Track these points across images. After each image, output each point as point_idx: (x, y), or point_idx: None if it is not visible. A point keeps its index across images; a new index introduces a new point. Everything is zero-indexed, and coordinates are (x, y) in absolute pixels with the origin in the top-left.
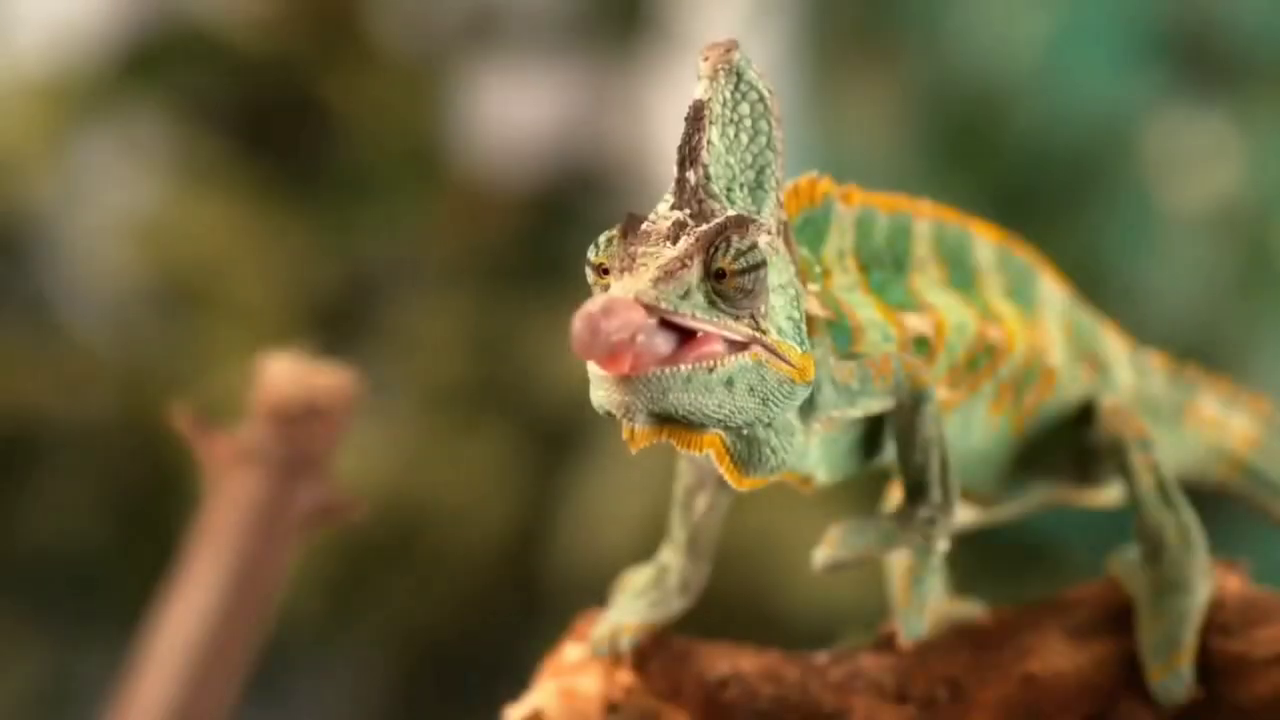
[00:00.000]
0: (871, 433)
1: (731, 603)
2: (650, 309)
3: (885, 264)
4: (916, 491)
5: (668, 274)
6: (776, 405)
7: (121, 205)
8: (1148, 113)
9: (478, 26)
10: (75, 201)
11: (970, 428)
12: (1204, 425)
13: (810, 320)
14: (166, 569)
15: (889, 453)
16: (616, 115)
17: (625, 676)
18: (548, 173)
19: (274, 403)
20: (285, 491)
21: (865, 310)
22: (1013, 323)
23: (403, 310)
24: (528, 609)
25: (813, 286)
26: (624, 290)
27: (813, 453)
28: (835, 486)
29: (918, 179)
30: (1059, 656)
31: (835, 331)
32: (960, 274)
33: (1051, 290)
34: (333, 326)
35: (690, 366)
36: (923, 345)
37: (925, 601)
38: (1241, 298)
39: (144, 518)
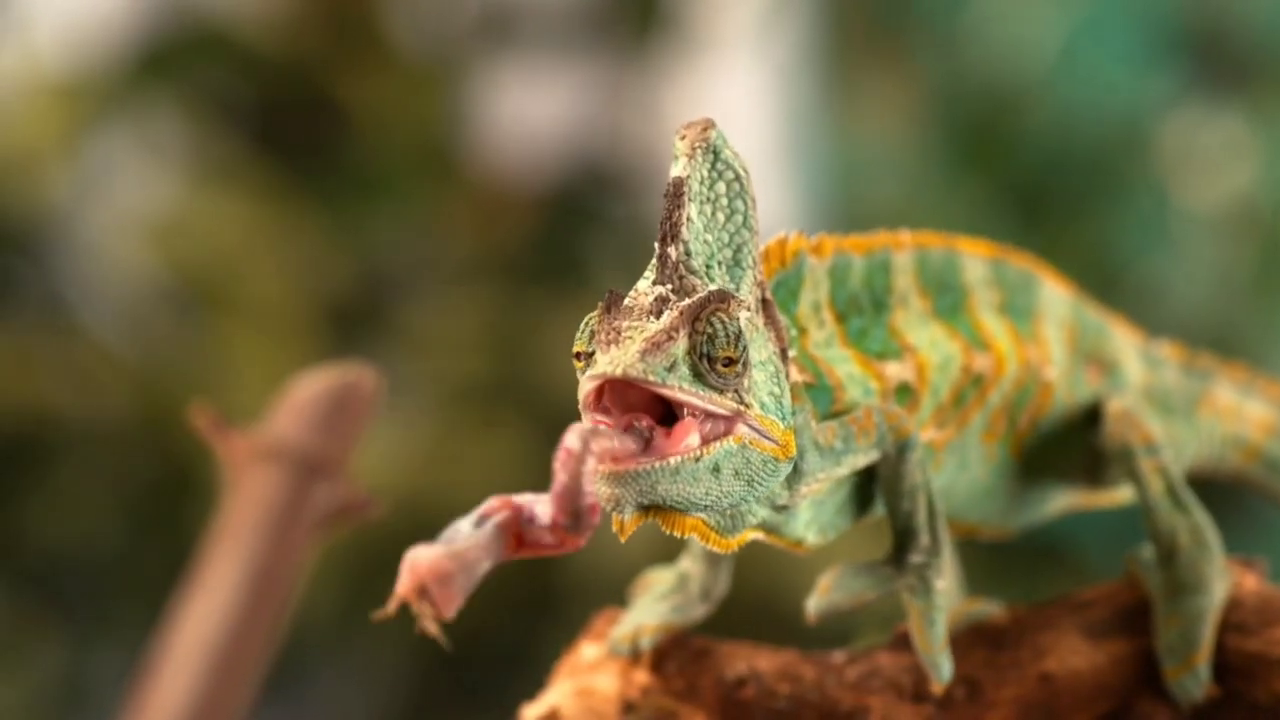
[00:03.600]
0: (859, 490)
1: (747, 602)
2: (638, 382)
3: (864, 308)
4: (906, 537)
5: (654, 345)
6: (761, 485)
7: (137, 204)
8: (1163, 112)
9: (493, 25)
10: (91, 200)
11: (967, 463)
12: (1220, 414)
13: (790, 388)
14: (183, 567)
15: (878, 508)
16: (632, 114)
17: (642, 676)
18: (563, 171)
19: (294, 401)
20: (303, 490)
21: (844, 366)
22: (1003, 343)
23: (419, 309)
24: (543, 608)
25: (790, 352)
26: (611, 363)
27: (801, 516)
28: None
29: (933, 178)
30: (1076, 655)
31: (815, 394)
32: (947, 299)
33: (1053, 296)
34: (349, 325)
35: (678, 459)
36: (905, 393)
37: (944, 640)
38: (1257, 295)
39: (160, 516)
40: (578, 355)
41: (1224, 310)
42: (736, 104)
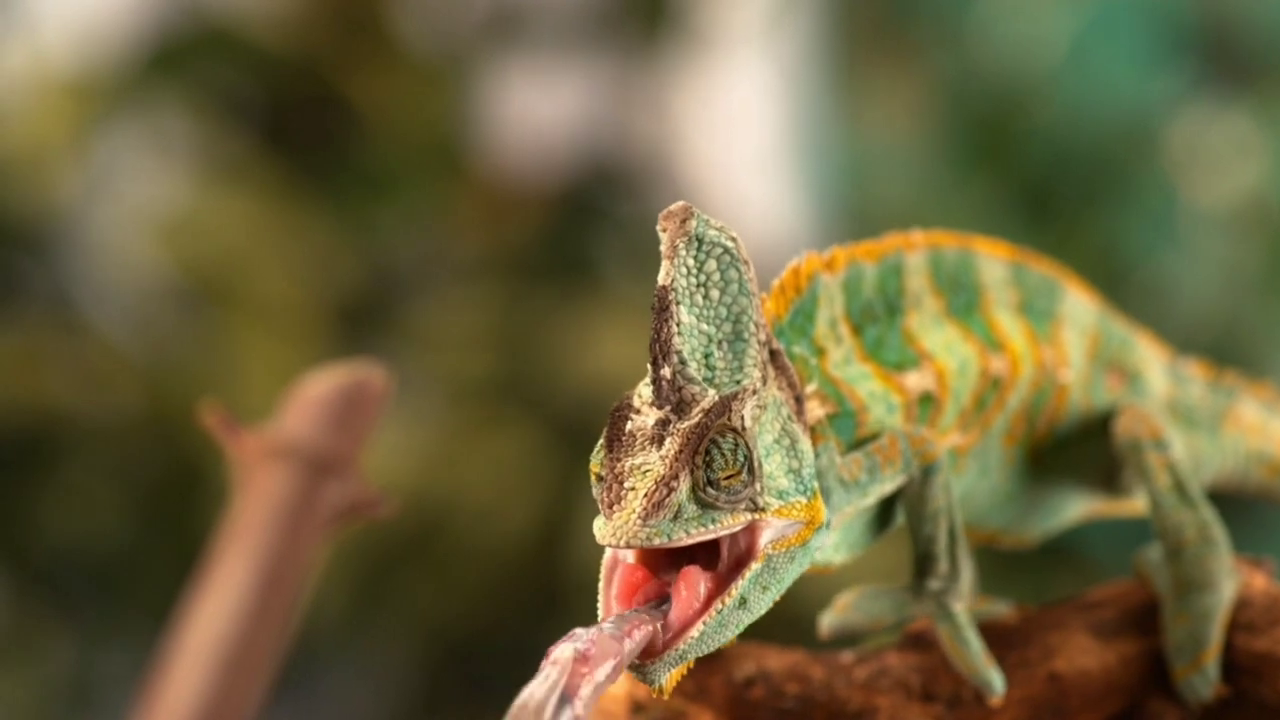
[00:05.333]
0: (884, 505)
1: None
2: (644, 548)
3: (878, 315)
4: (925, 562)
5: (655, 505)
6: (794, 575)
7: (145, 202)
8: (1172, 110)
9: (501, 23)
10: (99, 198)
11: (989, 468)
12: (1245, 431)
13: (812, 429)
14: (193, 565)
15: (900, 515)
16: (640, 112)
17: None
18: (571, 169)
19: (303, 399)
20: (313, 488)
21: (865, 384)
22: (1018, 343)
23: (426, 307)
24: (552, 605)
25: (810, 387)
26: (614, 534)
27: (829, 540)
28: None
29: (941, 175)
30: (1085, 655)
31: (838, 424)
32: (961, 298)
33: (1078, 303)
34: (356, 323)
35: (699, 627)
36: (928, 402)
37: (984, 654)
38: (1265, 293)
39: (169, 515)
40: (595, 475)
41: (1232, 308)
42: (744, 102)
